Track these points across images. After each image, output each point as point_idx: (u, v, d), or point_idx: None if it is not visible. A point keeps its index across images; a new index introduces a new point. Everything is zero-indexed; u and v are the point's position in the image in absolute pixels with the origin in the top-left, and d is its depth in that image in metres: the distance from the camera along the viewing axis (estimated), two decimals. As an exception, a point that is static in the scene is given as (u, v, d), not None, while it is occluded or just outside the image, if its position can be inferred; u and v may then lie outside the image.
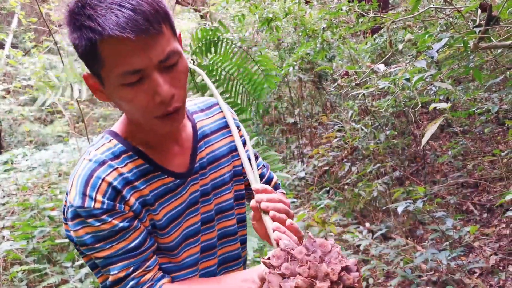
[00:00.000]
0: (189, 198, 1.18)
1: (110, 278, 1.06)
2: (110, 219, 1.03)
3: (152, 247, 1.10)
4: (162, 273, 1.11)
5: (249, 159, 1.22)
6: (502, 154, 4.16)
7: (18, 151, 6.92)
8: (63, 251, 3.85)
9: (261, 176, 1.40)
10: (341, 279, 0.81)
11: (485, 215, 4.22)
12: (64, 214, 1.08)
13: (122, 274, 1.05)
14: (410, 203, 3.32)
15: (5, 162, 6.52)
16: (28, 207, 4.21)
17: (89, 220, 1.02)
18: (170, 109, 1.01)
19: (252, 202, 1.09)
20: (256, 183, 1.13)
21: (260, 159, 1.42)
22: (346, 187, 5.18)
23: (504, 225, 3.89)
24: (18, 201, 4.60)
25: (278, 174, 2.83)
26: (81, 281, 3.25)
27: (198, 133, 1.24)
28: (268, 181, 1.42)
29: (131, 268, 1.05)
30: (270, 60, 2.92)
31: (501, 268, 3.44)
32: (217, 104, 1.32)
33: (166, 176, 1.13)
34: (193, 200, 1.20)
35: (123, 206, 1.05)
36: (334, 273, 0.80)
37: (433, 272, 3.47)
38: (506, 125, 5.15)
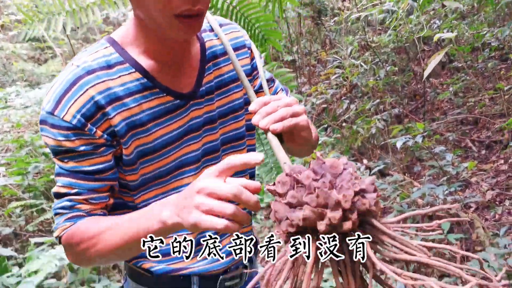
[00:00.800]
0: (189, 123, 1.09)
1: (54, 189, 1.01)
2: (74, 138, 0.96)
3: (110, 182, 1.01)
4: (102, 213, 1.02)
5: (260, 86, 1.10)
6: (505, 89, 4.09)
7: (11, 89, 6.80)
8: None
9: None
10: (355, 205, 0.72)
11: (483, 152, 4.20)
12: None
13: (63, 190, 0.99)
14: (409, 138, 3.28)
15: (-2, 100, 6.42)
16: (23, 144, 4.17)
17: (53, 131, 0.96)
18: (194, 10, 0.89)
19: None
20: (252, 104, 1.00)
21: (277, 83, 1.30)
22: (344, 124, 5.13)
23: (502, 161, 3.88)
24: (12, 139, 4.55)
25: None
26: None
27: (206, 53, 1.11)
28: None
29: (74, 190, 0.98)
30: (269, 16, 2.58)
31: (497, 202, 3.45)
32: (226, 24, 1.19)
33: (164, 94, 1.03)
34: (195, 126, 1.10)
35: (94, 129, 0.96)
36: (347, 200, 0.70)
37: (429, 206, 3.48)
38: (508, 61, 5.04)
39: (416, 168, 4.20)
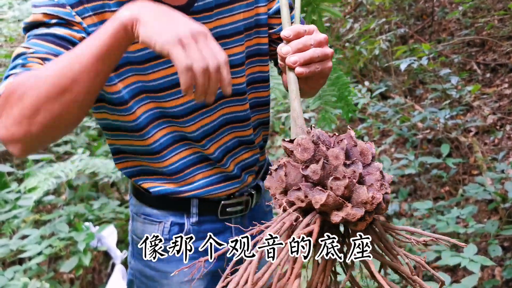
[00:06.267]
0: None
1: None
2: (52, 13, 0.90)
3: None
4: None
5: None
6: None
7: (3, 0, 6.54)
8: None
9: None
10: (377, 208, 0.67)
11: (488, 75, 4.11)
12: None
13: (20, 50, 0.88)
14: (414, 60, 3.18)
15: (-10, 13, 6.19)
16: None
17: (36, 10, 0.92)
18: None
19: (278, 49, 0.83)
20: (287, 29, 0.83)
21: (294, 12, 1.18)
22: (347, 44, 4.98)
23: (506, 85, 3.80)
24: (6, 53, 4.43)
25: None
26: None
27: None
28: None
29: (32, 49, 0.87)
30: None
31: (498, 127, 3.42)
32: None
33: None
34: None
35: (73, 12, 0.91)
36: (374, 203, 0.65)
37: (429, 130, 3.46)
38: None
39: (418, 91, 4.13)
